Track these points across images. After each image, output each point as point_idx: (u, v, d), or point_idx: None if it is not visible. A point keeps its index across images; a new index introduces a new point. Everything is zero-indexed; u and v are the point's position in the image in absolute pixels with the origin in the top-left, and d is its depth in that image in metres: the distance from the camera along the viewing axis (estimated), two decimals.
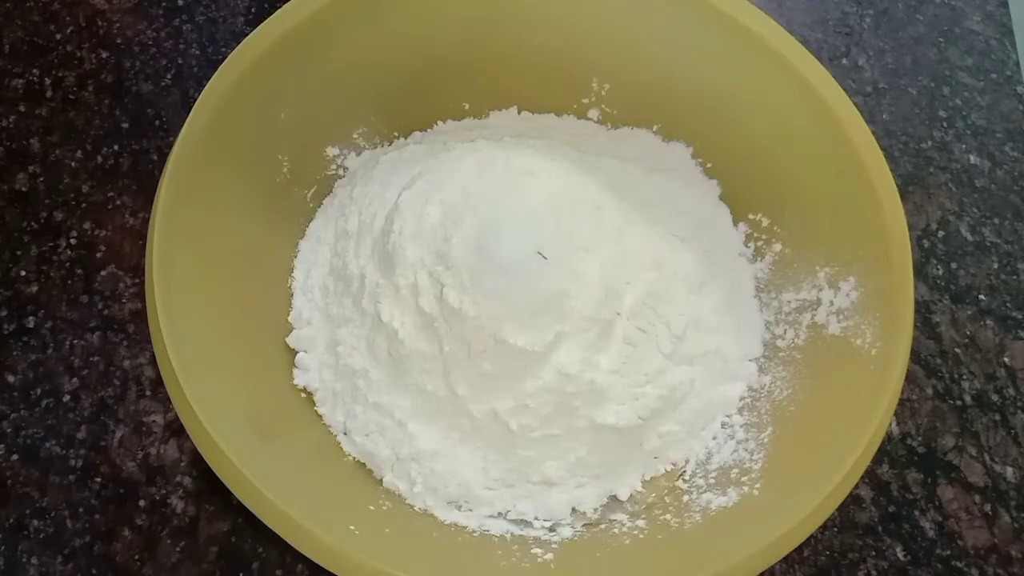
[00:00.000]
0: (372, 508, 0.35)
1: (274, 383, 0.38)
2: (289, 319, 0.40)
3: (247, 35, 0.38)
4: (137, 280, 0.44)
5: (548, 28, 0.43)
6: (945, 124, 0.52)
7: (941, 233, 0.48)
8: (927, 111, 0.52)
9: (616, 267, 0.37)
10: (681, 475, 0.38)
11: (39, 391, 0.41)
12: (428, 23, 0.42)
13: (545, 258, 0.36)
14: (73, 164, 0.47)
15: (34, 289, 0.43)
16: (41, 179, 0.46)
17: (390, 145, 0.45)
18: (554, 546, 0.35)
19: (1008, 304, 0.46)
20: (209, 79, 0.37)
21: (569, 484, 0.37)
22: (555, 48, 0.44)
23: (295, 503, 0.30)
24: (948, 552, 0.40)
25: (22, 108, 0.48)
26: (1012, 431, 0.43)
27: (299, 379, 0.39)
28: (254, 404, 0.35)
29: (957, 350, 0.45)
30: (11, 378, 0.41)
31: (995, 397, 0.44)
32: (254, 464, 0.31)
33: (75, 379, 0.41)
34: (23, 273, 0.44)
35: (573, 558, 0.34)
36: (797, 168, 0.40)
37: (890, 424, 0.40)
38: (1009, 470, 0.42)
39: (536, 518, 0.37)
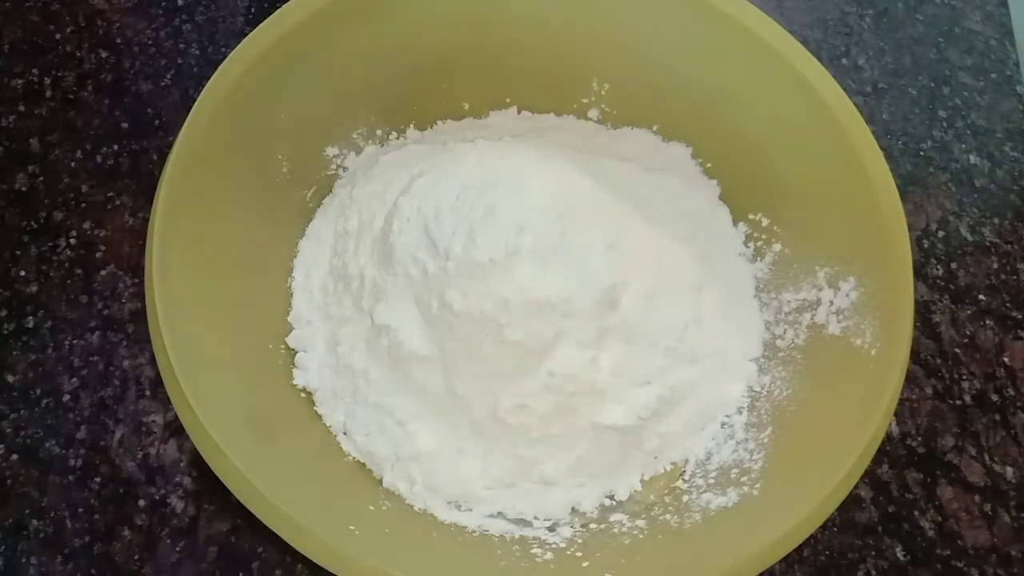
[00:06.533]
0: (372, 508, 0.35)
1: (274, 383, 0.38)
2: (289, 319, 0.40)
3: (247, 35, 0.38)
4: (137, 280, 0.44)
5: (548, 28, 0.43)
6: (945, 124, 0.52)
7: (941, 233, 0.48)
8: (927, 111, 0.52)
9: (616, 267, 0.37)
10: (681, 475, 0.38)
11: (39, 391, 0.41)
12: (428, 23, 0.42)
13: (545, 258, 0.36)
14: (73, 164, 0.47)
15: (34, 289, 0.43)
16: (41, 179, 0.46)
17: (390, 145, 0.45)
18: (554, 546, 0.35)
19: (1008, 304, 0.46)
20: (209, 79, 0.37)
21: (569, 484, 0.37)
22: (555, 48, 0.44)
23: (295, 503, 0.30)
24: (948, 552, 0.40)
25: (22, 108, 0.48)
26: (1012, 431, 0.43)
27: (299, 379, 0.38)
28: (254, 404, 0.35)
29: (957, 350, 0.45)
30: (11, 378, 0.41)
31: (995, 397, 0.44)
32: (254, 464, 0.31)
33: (75, 379, 0.41)
34: (23, 273, 0.44)
35: (573, 558, 0.34)
36: (797, 168, 0.40)
37: (890, 424, 0.40)
38: (1009, 470, 0.42)
39: (536, 518, 0.37)
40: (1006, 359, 0.45)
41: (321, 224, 0.42)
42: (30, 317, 0.43)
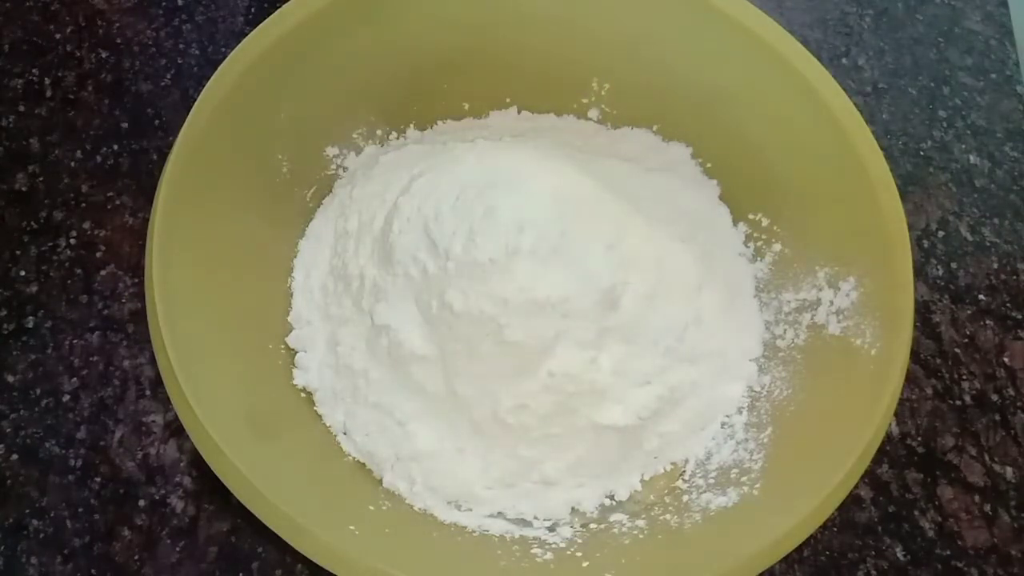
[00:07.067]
0: (372, 508, 0.35)
1: (274, 383, 0.38)
2: (289, 319, 0.40)
3: (247, 35, 0.38)
4: (137, 280, 0.44)
5: (548, 28, 0.43)
6: (945, 124, 0.52)
7: (941, 233, 0.48)
8: (927, 111, 0.52)
9: (616, 267, 0.37)
10: (681, 475, 0.38)
11: (39, 391, 0.41)
12: (428, 23, 0.42)
13: (545, 258, 0.36)
14: (73, 164, 0.47)
15: (34, 289, 0.43)
16: (41, 179, 0.46)
17: (390, 145, 0.45)
18: (554, 546, 0.35)
19: (1008, 304, 0.46)
20: (209, 79, 0.37)
21: (569, 484, 0.37)
22: (555, 48, 0.44)
23: (295, 503, 0.30)
24: (948, 552, 0.40)
25: (22, 108, 0.48)
26: (1012, 431, 0.43)
27: (299, 379, 0.39)
28: (254, 404, 0.35)
29: (957, 350, 0.45)
30: (11, 378, 0.41)
31: (995, 397, 0.44)
32: (254, 464, 0.31)
33: (75, 379, 0.41)
34: (23, 273, 0.44)
35: (573, 558, 0.34)
36: (797, 168, 0.40)
37: (890, 424, 0.40)
38: (1009, 470, 0.42)
39: (536, 518, 0.37)
40: (1006, 359, 0.45)
41: (321, 224, 0.42)
42: (30, 317, 0.43)
